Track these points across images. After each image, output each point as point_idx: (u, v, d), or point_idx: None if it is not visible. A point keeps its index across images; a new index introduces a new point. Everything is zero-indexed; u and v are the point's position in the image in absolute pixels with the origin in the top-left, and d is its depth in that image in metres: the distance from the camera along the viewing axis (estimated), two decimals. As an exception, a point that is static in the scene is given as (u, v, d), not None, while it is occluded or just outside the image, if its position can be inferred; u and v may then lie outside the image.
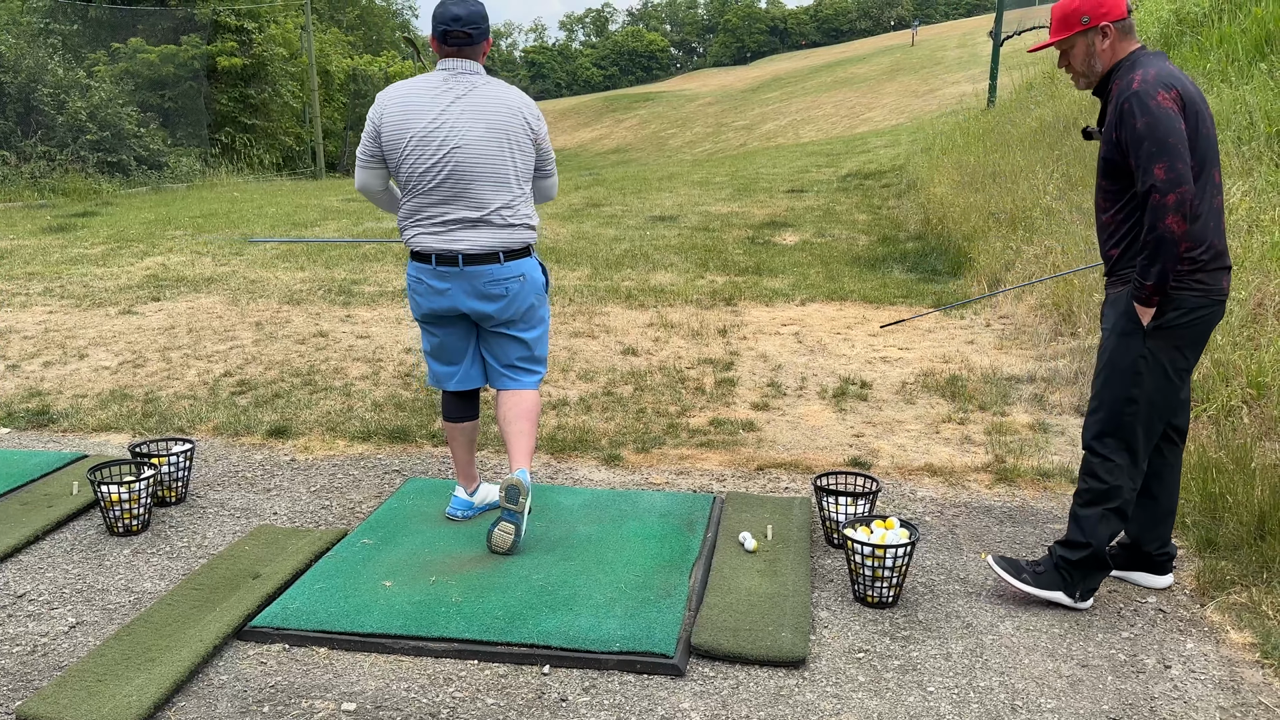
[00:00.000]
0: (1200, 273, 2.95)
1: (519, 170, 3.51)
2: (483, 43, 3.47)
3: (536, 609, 3.15)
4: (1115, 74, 3.01)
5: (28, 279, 8.91)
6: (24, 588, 3.42)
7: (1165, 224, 2.78)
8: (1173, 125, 2.79)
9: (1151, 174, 2.78)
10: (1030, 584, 3.21)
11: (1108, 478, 3.09)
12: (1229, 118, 6.96)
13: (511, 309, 3.57)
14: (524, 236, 3.56)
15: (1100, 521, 3.11)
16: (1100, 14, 2.97)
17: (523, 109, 3.51)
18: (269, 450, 4.75)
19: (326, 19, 48.62)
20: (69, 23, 22.57)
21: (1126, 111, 2.87)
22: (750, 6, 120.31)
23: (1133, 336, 3.01)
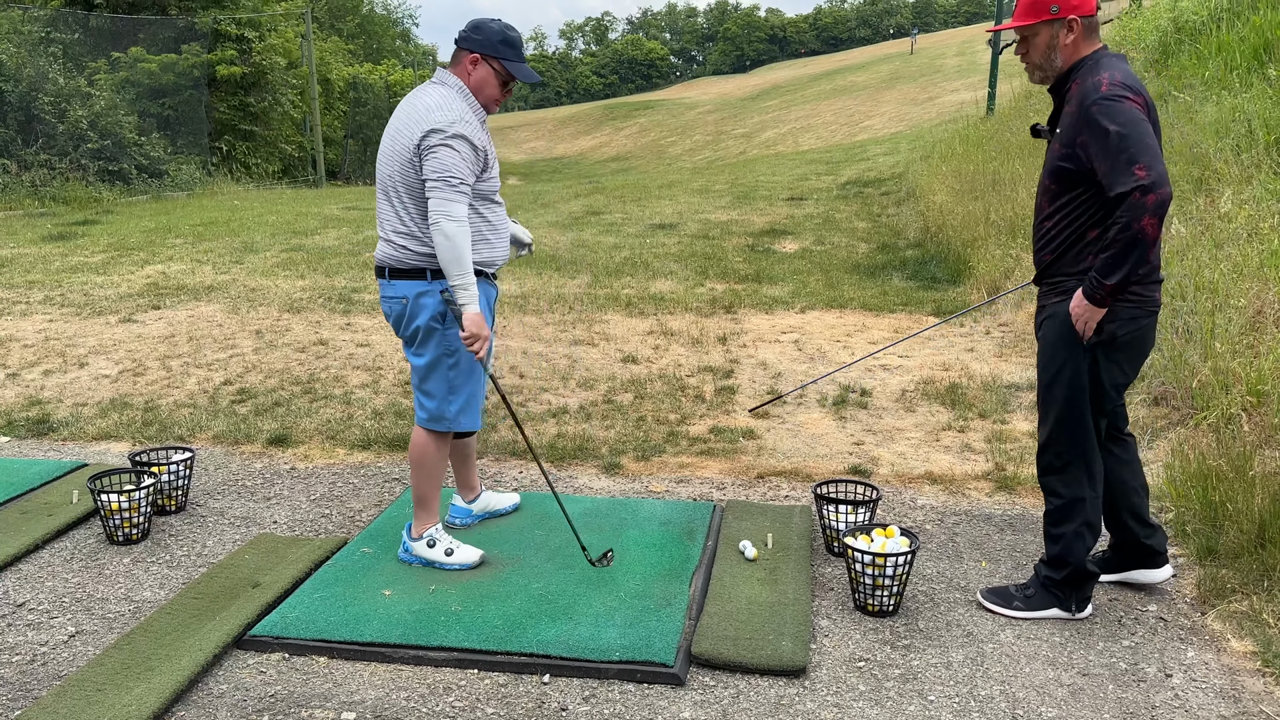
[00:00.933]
0: (1138, 285, 2.93)
1: (405, 184, 3.23)
2: (459, 54, 3.32)
3: (536, 618, 3.15)
4: (1075, 73, 2.94)
5: (28, 287, 8.91)
6: (24, 597, 3.42)
7: (1141, 224, 2.71)
8: (1145, 129, 2.76)
9: (1132, 174, 2.71)
10: (1023, 609, 3.21)
11: (1066, 491, 3.11)
12: (1228, 126, 6.97)
13: (401, 327, 3.38)
14: (414, 259, 3.27)
15: (1075, 540, 3.11)
16: (1071, 6, 2.91)
17: (419, 117, 3.20)
18: (269, 458, 4.75)
19: (327, 28, 48.75)
20: (70, 32, 22.59)
21: (1095, 114, 2.79)
22: (750, 15, 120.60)
23: (1074, 350, 2.99)
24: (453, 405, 3.40)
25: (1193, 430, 4.39)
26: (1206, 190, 6.43)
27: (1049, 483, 3.18)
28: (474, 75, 3.30)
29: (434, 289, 3.29)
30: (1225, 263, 5.38)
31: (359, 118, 42.59)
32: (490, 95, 3.34)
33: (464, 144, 3.18)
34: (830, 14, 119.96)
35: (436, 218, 3.15)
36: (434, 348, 3.35)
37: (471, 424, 3.48)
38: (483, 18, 3.35)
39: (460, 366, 3.37)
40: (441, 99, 3.23)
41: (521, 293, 8.42)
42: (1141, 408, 4.91)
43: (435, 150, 3.15)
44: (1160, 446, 4.52)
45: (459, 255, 3.17)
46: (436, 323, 3.31)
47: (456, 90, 3.28)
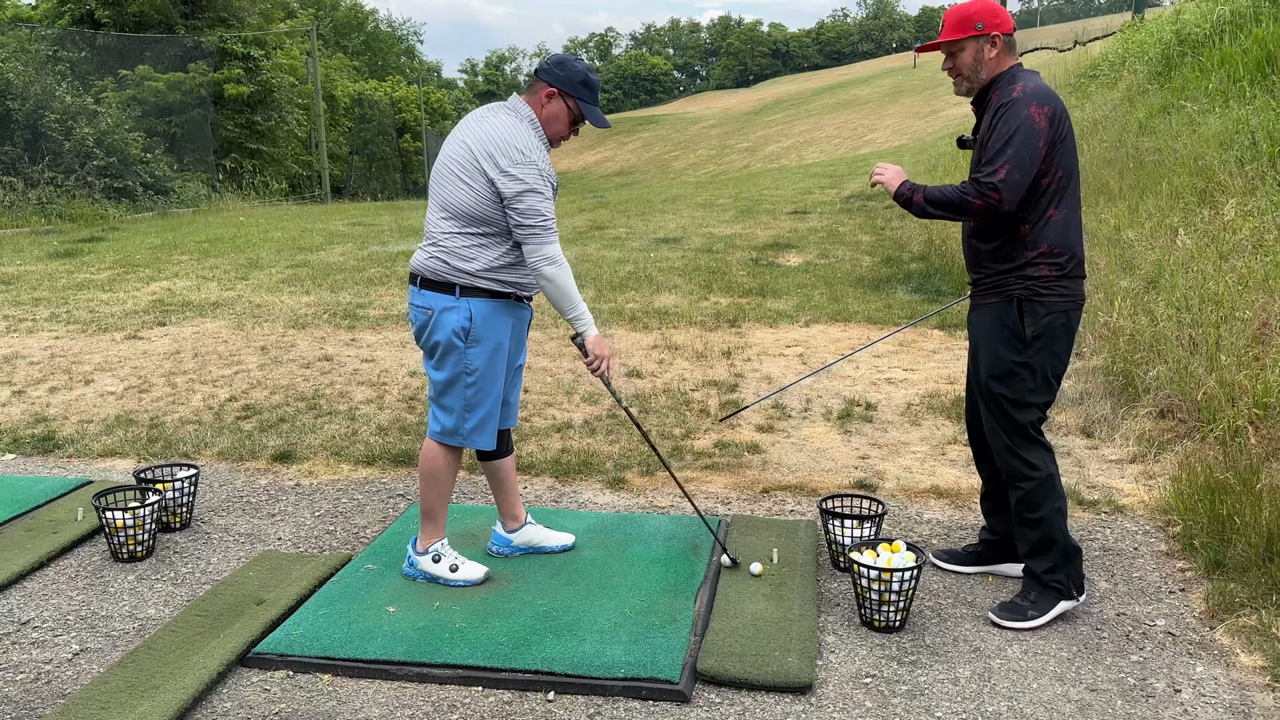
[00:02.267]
0: (1066, 279, 3.16)
1: (468, 207, 3.23)
2: (536, 84, 3.35)
3: (541, 634, 3.14)
4: (995, 86, 3.18)
5: (34, 304, 8.94)
6: (28, 614, 3.42)
7: (973, 203, 3.04)
8: (1032, 142, 3.01)
9: (996, 170, 3.00)
10: (1038, 616, 3.23)
11: (1034, 473, 3.23)
12: (1231, 138, 6.97)
13: (422, 338, 3.38)
14: (447, 272, 3.27)
15: (1055, 516, 3.24)
16: (994, 24, 3.15)
17: (493, 146, 3.20)
18: (273, 475, 4.75)
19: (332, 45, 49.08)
20: (77, 50, 22.77)
21: (1001, 113, 3.05)
22: (752, 30, 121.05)
23: (1010, 345, 3.19)
24: (468, 422, 3.39)
25: (1199, 443, 4.37)
26: (1211, 202, 6.43)
27: (1015, 468, 3.26)
28: (547, 108, 3.31)
29: (460, 306, 3.28)
30: (1230, 274, 5.37)
31: (364, 134, 42.85)
32: (558, 131, 3.36)
33: (546, 186, 3.24)
34: (833, 28, 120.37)
35: (536, 262, 3.23)
36: (452, 365, 3.34)
37: (486, 443, 3.44)
38: (569, 55, 3.41)
39: (479, 386, 3.36)
40: (520, 133, 3.23)
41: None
42: (1147, 420, 4.90)
43: (522, 196, 3.18)
44: (1166, 460, 4.50)
45: (565, 292, 3.26)
46: (458, 339, 3.30)
47: (527, 121, 3.29)
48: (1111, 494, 4.32)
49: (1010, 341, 3.18)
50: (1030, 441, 3.24)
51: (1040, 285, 3.12)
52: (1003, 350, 3.20)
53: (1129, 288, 5.93)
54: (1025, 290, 3.13)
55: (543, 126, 3.33)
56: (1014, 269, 3.14)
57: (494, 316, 3.33)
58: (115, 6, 24.51)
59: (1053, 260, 3.11)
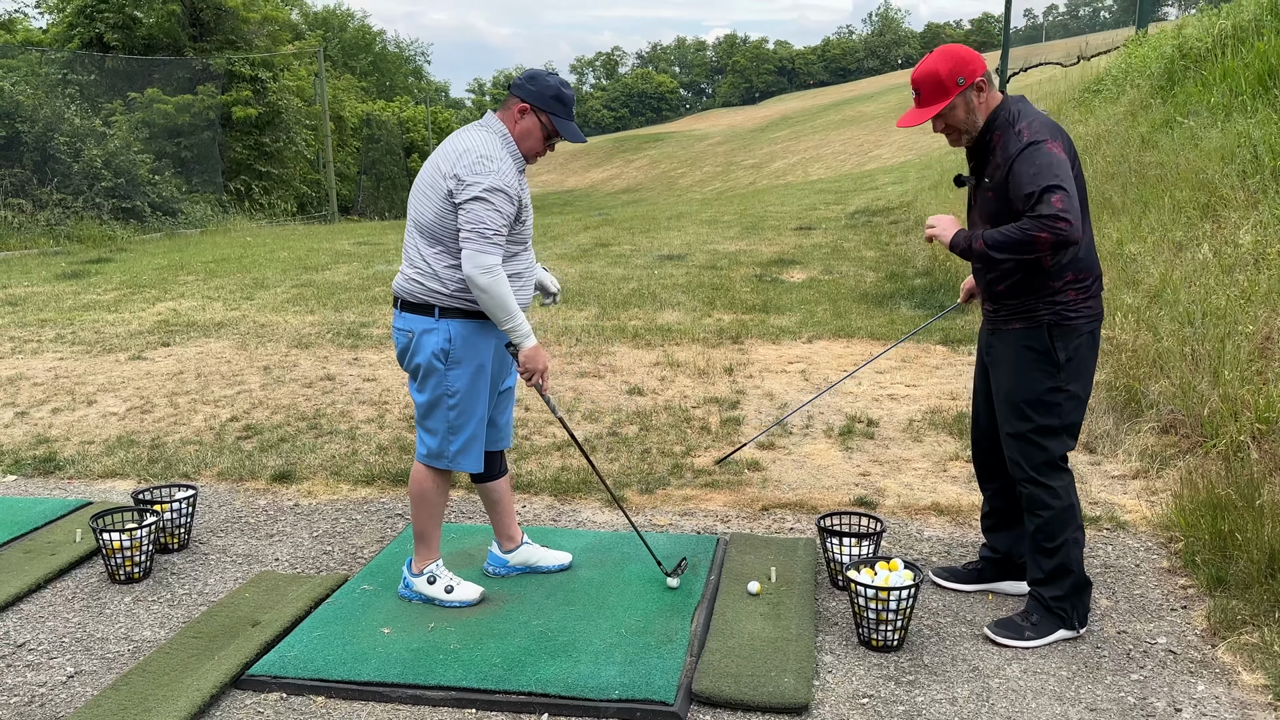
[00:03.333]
0: (1091, 299, 3.13)
1: (428, 222, 3.23)
2: (510, 100, 3.31)
3: (536, 656, 3.12)
4: (994, 126, 3.09)
5: (40, 325, 8.98)
6: (24, 637, 3.41)
7: (1041, 236, 2.89)
8: (1067, 172, 2.93)
9: (1050, 200, 2.87)
10: (1035, 638, 3.20)
11: (1056, 502, 3.18)
12: (1233, 152, 6.95)
13: (405, 360, 3.37)
14: (425, 294, 3.26)
15: (1073, 547, 3.19)
16: (970, 71, 3.06)
17: (454, 159, 3.18)
18: (273, 495, 4.74)
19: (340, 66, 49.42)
20: (86, 73, 22.96)
21: (1021, 160, 2.96)
22: (758, 48, 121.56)
23: (1041, 370, 3.12)
24: (453, 445, 3.37)
25: (1202, 459, 4.34)
26: (1213, 216, 6.41)
27: (1037, 497, 3.21)
28: (520, 124, 3.28)
29: (440, 328, 3.27)
30: (1234, 289, 5.34)
31: (372, 154, 43.06)
32: (532, 147, 3.31)
33: (499, 196, 3.16)
34: (838, 45, 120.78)
35: (469, 270, 3.14)
36: (433, 387, 3.32)
37: (472, 466, 3.42)
38: (541, 70, 3.36)
39: (462, 407, 3.34)
40: (483, 145, 3.21)
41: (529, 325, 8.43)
42: (1150, 436, 4.87)
43: (469, 203, 3.14)
44: (1169, 475, 4.46)
45: (499, 303, 3.17)
46: (438, 361, 3.29)
47: (499, 136, 3.27)
48: (1114, 510, 4.28)
49: (1044, 368, 3.10)
50: (1057, 470, 3.18)
51: (1069, 309, 3.07)
52: (1037, 377, 3.12)
53: (1132, 303, 5.91)
54: (1055, 315, 3.08)
55: (517, 143, 3.29)
56: (1040, 297, 3.09)
57: (474, 337, 3.30)
58: (125, 30, 24.73)
59: (1079, 285, 3.08)
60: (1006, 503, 3.49)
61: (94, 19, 24.71)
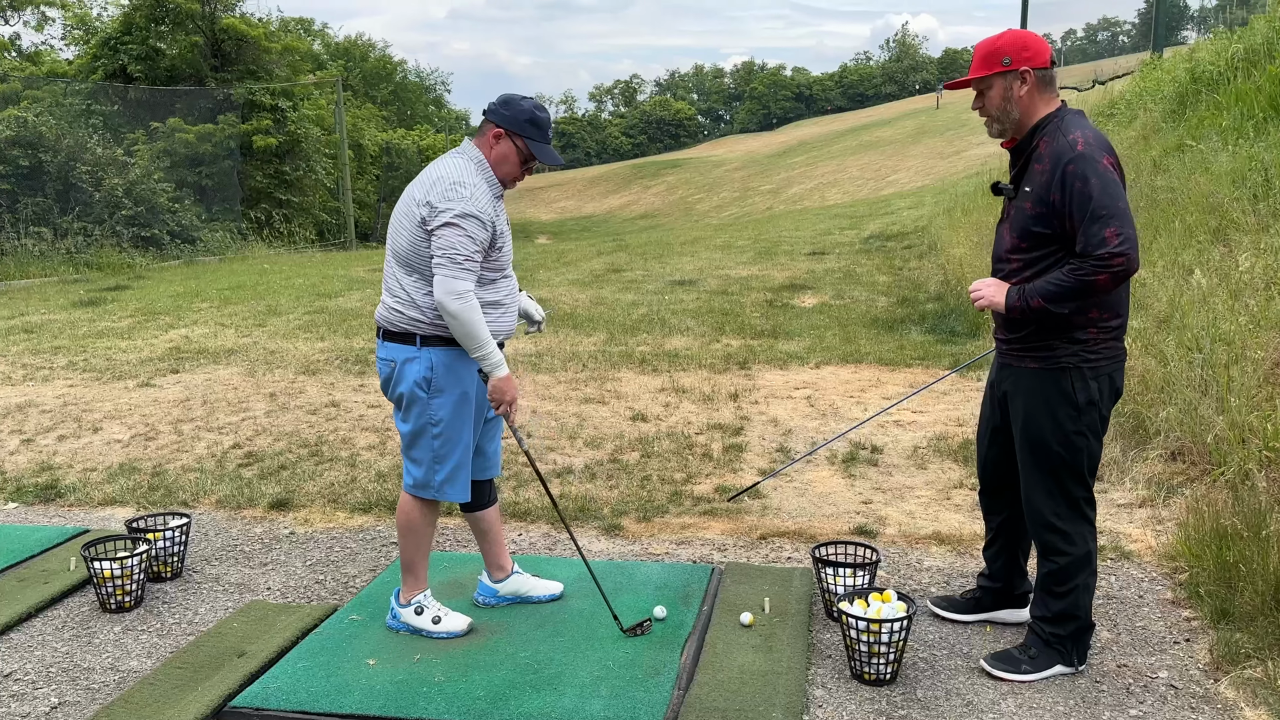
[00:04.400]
0: (1114, 340, 3.00)
1: (404, 249, 3.22)
2: (485, 125, 3.28)
3: (520, 688, 3.07)
4: (1042, 131, 2.96)
5: (53, 353, 9.06)
6: (11, 666, 3.40)
7: (1097, 280, 2.78)
8: (1121, 191, 2.80)
9: (1103, 239, 2.74)
10: (1031, 672, 3.12)
11: (1071, 549, 3.08)
12: (1244, 175, 6.87)
13: (389, 389, 3.35)
14: (405, 322, 3.24)
15: (1083, 593, 3.09)
16: (1023, 58, 2.94)
17: (428, 187, 3.17)
18: (269, 523, 4.73)
19: (361, 95, 50.00)
20: (110, 103, 23.34)
21: (1072, 174, 2.81)
22: (776, 74, 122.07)
23: (1062, 412, 3.00)
24: (438, 474, 3.33)
25: (1209, 487, 4.25)
26: (1224, 240, 6.33)
27: (1051, 543, 3.11)
28: (496, 149, 3.25)
29: (421, 356, 3.25)
30: (1243, 314, 5.25)
31: (391, 181, 43.44)
32: (509, 172, 3.27)
33: (471, 222, 3.12)
34: (856, 71, 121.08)
35: (440, 295, 3.11)
36: (416, 416, 3.29)
37: (459, 496, 3.38)
38: (516, 95, 3.30)
39: (446, 436, 3.30)
40: (457, 171, 3.19)
41: (536, 351, 8.43)
42: (1158, 463, 4.78)
43: (440, 230, 3.11)
44: (1176, 504, 4.38)
45: (469, 330, 3.13)
46: (421, 390, 3.26)
47: (475, 163, 3.24)
48: (1119, 539, 4.20)
49: (1064, 409, 2.98)
50: (1077, 515, 3.07)
51: (1088, 349, 2.95)
52: (1057, 418, 2.99)
53: (1140, 328, 5.83)
54: (1071, 352, 2.96)
55: (494, 168, 3.26)
56: (1060, 334, 2.96)
57: (457, 365, 3.27)
58: (148, 61, 25.13)
59: (1103, 324, 2.94)
60: (1010, 533, 3.41)
61: (118, 51, 25.15)
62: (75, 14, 29.81)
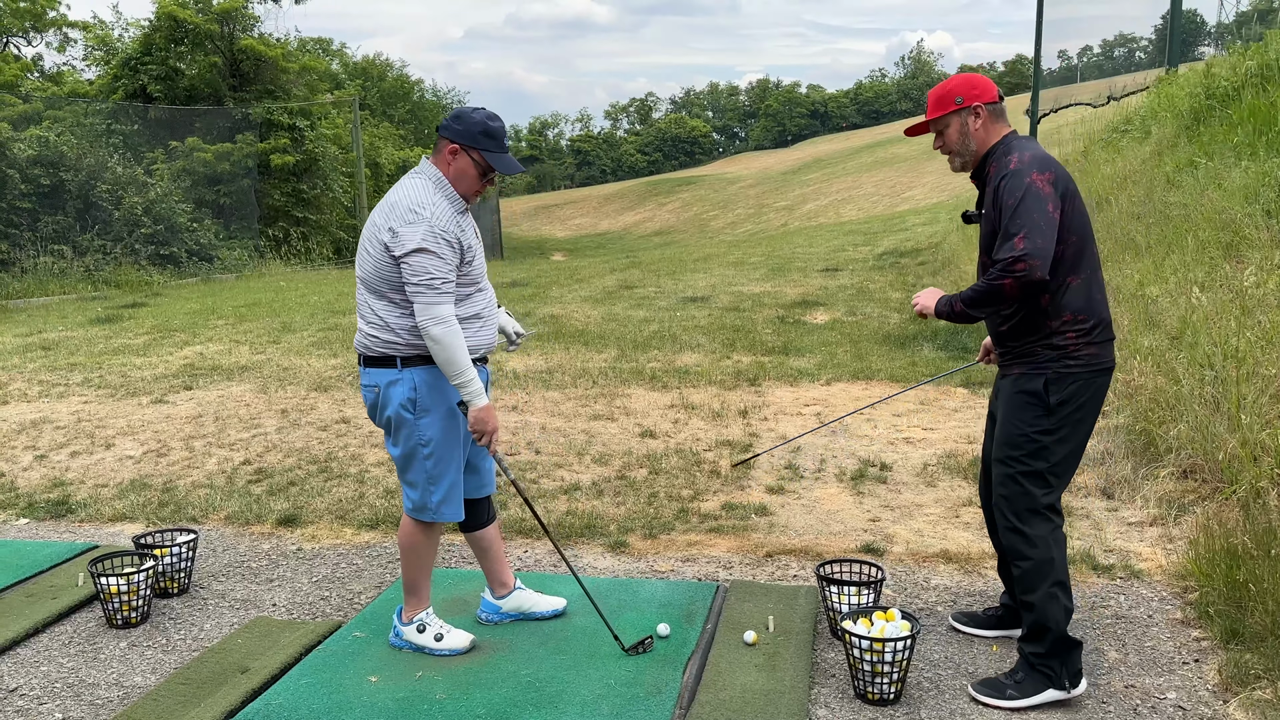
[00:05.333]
0: (1091, 345, 3.04)
1: (369, 275, 3.20)
2: (441, 142, 3.25)
3: (521, 706, 3.06)
4: (990, 158, 3.12)
5: (69, 369, 9.14)
6: (16, 682, 3.41)
7: (1003, 282, 2.91)
8: (1042, 205, 2.91)
9: (1013, 243, 2.88)
10: (1018, 697, 3.07)
11: (1034, 552, 3.07)
12: (1257, 191, 6.84)
13: (376, 415, 3.33)
14: (382, 346, 3.22)
15: (1049, 602, 3.04)
16: (973, 95, 3.13)
17: (388, 212, 3.15)
18: (277, 539, 4.74)
19: (379, 114, 50.37)
20: (130, 123, 23.61)
21: (1000, 190, 2.99)
22: (790, 92, 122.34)
23: (1033, 413, 3.06)
24: (434, 495, 3.32)
25: (1221, 505, 4.20)
26: (1236, 257, 6.29)
27: (1014, 546, 3.11)
28: (454, 165, 3.22)
29: (404, 377, 3.23)
30: (1254, 330, 5.21)
31: (408, 199, 43.72)
32: (469, 185, 3.24)
33: (439, 243, 3.11)
34: (871, 89, 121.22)
35: (422, 321, 3.11)
36: (406, 439, 3.28)
37: (454, 515, 3.37)
38: (467, 107, 3.27)
39: (437, 456, 3.29)
40: (416, 192, 3.17)
41: (547, 367, 8.44)
42: (1169, 481, 4.74)
43: (409, 257, 3.09)
44: (1187, 522, 4.33)
45: (451, 356, 3.12)
46: (407, 411, 3.24)
47: (433, 181, 3.21)
48: (1129, 558, 4.16)
49: (1033, 409, 3.03)
50: (1038, 518, 3.07)
51: (1067, 354, 3.01)
52: (1025, 418, 3.05)
53: (1151, 345, 5.79)
54: (1052, 357, 3.02)
55: (453, 184, 3.23)
56: (1039, 339, 3.04)
57: (440, 383, 3.25)
58: (167, 81, 25.42)
59: (1078, 327, 3.00)
60: None
61: (138, 71, 25.45)
62: (96, 35, 30.23)
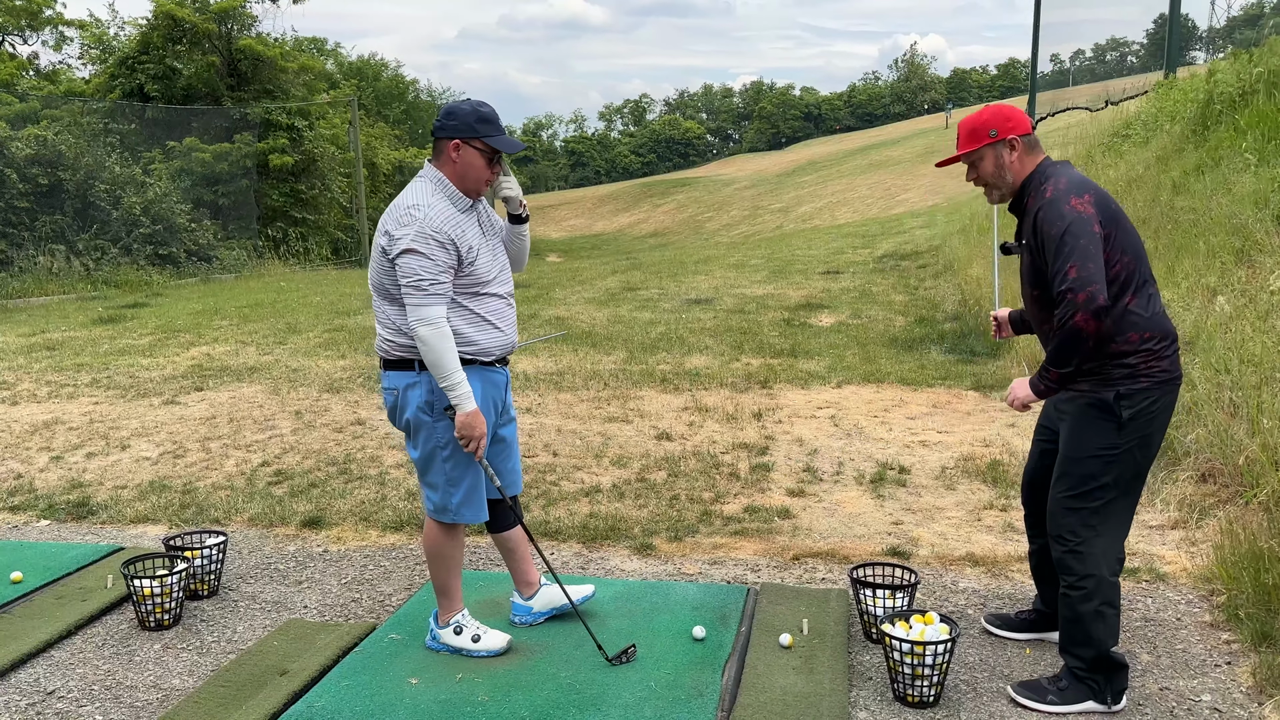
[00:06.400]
0: (1161, 360, 3.00)
1: (376, 280, 3.24)
2: (440, 144, 3.24)
3: (564, 709, 3.08)
4: (1028, 189, 3.11)
5: (76, 370, 9.12)
6: (54, 684, 3.42)
7: (1074, 321, 2.86)
8: (1086, 228, 2.89)
9: (1064, 275, 2.87)
10: (1058, 703, 3.09)
11: (1080, 567, 3.06)
12: (1267, 196, 6.89)
13: (396, 418, 3.36)
14: (399, 350, 3.25)
15: (1095, 620, 3.04)
16: (1007, 129, 3.11)
17: (386, 216, 3.19)
18: (302, 541, 4.75)
19: (374, 114, 50.27)
20: (127, 122, 23.54)
21: (1041, 219, 2.97)
22: (784, 94, 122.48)
23: (1102, 431, 3.01)
24: (454, 497, 3.34)
25: (1242, 509, 4.24)
26: (1248, 261, 6.34)
27: (1064, 561, 3.11)
28: (459, 161, 3.21)
29: (422, 380, 3.25)
30: (1270, 335, 5.26)
31: (403, 200, 43.67)
32: (478, 177, 3.23)
33: (428, 243, 3.10)
34: (864, 91, 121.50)
35: (410, 322, 3.14)
36: (424, 441, 3.30)
37: (475, 517, 3.38)
38: (454, 101, 3.26)
39: (456, 458, 3.30)
40: (413, 195, 3.19)
41: (557, 369, 8.46)
42: (1189, 484, 4.77)
43: (400, 258, 3.11)
44: (1209, 526, 4.37)
45: (437, 359, 3.13)
46: (425, 414, 3.26)
47: (433, 182, 3.22)
48: (1153, 561, 4.20)
49: (1103, 423, 3.00)
50: (1092, 534, 3.03)
51: (1137, 371, 2.97)
52: (1093, 433, 3.01)
53: (1166, 348, 5.83)
54: (1123, 375, 2.98)
55: (461, 180, 3.23)
56: (1108, 360, 2.99)
57: None
58: (165, 80, 25.34)
59: (1145, 346, 2.96)
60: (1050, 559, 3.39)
61: (135, 70, 25.36)
62: (93, 34, 30.12)
